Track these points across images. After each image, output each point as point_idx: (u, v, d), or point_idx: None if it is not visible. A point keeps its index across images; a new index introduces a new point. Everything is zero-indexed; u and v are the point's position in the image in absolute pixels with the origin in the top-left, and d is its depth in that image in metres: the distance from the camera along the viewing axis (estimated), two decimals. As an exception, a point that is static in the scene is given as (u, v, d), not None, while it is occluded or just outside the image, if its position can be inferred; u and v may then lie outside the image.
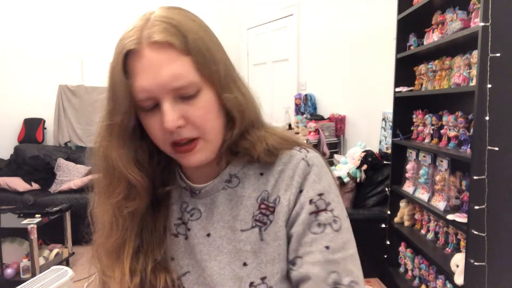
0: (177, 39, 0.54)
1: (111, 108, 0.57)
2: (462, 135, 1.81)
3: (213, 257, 0.62)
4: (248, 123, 0.62)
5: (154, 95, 0.54)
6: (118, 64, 0.55)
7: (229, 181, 0.64)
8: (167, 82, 0.53)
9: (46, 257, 2.96)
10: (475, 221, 1.55)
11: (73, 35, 4.66)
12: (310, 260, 0.57)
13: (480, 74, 1.50)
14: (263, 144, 0.62)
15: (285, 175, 0.62)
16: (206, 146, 0.59)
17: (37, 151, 4.22)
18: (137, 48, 0.54)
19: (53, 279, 1.50)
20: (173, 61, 0.53)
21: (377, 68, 3.15)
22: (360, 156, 2.88)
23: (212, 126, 0.58)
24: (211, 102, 0.58)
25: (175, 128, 0.55)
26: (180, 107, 0.55)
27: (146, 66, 0.54)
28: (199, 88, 0.56)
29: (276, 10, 4.53)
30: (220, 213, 0.64)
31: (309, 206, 0.59)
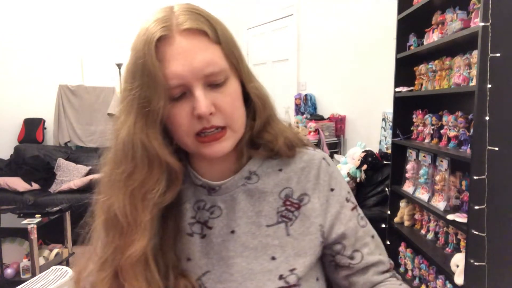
0: (209, 28, 0.56)
1: (148, 95, 0.54)
2: (462, 135, 1.81)
3: (239, 253, 0.62)
4: (268, 115, 0.64)
5: (186, 82, 0.55)
6: (150, 51, 0.54)
7: (248, 178, 0.65)
8: (200, 68, 0.54)
9: (46, 257, 2.96)
10: (475, 221, 1.55)
11: (73, 35, 4.66)
12: (369, 251, 0.66)
13: (480, 74, 1.50)
14: (283, 136, 0.64)
15: (310, 174, 0.65)
16: (232, 136, 0.60)
17: (37, 151, 4.22)
18: (168, 34, 0.54)
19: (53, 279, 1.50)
20: (205, 48, 0.55)
21: (377, 68, 3.14)
22: (360, 156, 2.88)
23: (239, 114, 0.60)
24: (238, 91, 0.60)
25: (208, 115, 0.55)
26: (211, 95, 0.56)
27: (179, 52, 0.54)
28: (227, 76, 0.57)
29: (276, 10, 4.53)
30: (242, 209, 0.64)
31: (348, 203, 0.66)
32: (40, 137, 4.50)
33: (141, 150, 0.56)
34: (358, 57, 3.40)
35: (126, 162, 0.57)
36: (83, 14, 4.69)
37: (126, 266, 0.57)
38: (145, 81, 0.54)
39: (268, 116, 0.64)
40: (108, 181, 0.60)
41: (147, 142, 0.56)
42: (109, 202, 0.59)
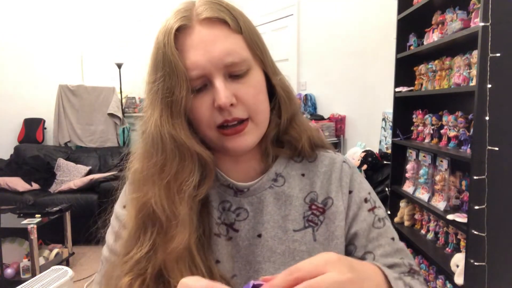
0: (229, 17, 0.54)
1: (171, 85, 0.53)
2: (462, 135, 1.81)
3: (266, 258, 0.60)
4: (294, 110, 0.62)
5: (206, 72, 0.53)
6: (170, 41, 0.53)
7: (275, 179, 0.63)
8: (220, 58, 0.53)
9: (46, 257, 2.96)
10: (475, 221, 1.55)
11: (73, 35, 4.66)
12: (383, 253, 0.62)
13: (480, 74, 1.50)
14: (307, 134, 0.63)
15: (332, 177, 0.64)
16: (255, 129, 0.58)
17: (37, 151, 4.22)
18: (188, 24, 0.54)
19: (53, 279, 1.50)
20: (226, 37, 0.54)
21: (377, 68, 3.14)
22: (360, 156, 2.88)
23: (262, 108, 0.58)
24: (262, 82, 0.58)
25: (228, 106, 0.53)
26: (232, 86, 0.55)
27: (198, 42, 0.53)
28: (250, 66, 0.56)
29: (276, 10, 4.53)
30: (269, 212, 0.62)
31: (366, 204, 0.64)
32: (40, 137, 4.50)
33: (170, 141, 0.54)
34: (358, 57, 3.40)
35: (157, 156, 0.55)
36: (83, 14, 4.69)
37: (170, 262, 0.54)
38: (166, 71, 0.53)
39: (294, 112, 0.62)
40: (141, 177, 0.57)
41: (175, 133, 0.54)
42: (145, 198, 0.55)
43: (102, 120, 4.62)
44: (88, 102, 4.61)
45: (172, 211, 0.54)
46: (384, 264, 0.58)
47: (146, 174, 0.56)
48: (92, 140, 4.60)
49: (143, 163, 0.57)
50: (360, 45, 3.36)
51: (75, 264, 3.19)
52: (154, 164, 0.55)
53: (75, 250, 3.25)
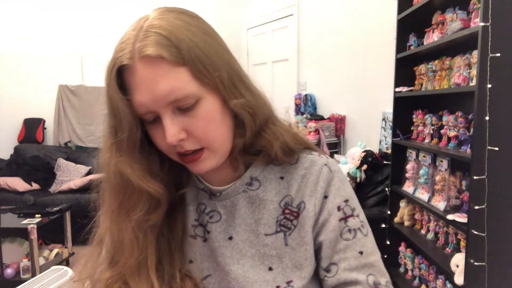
0: (169, 51, 0.50)
1: (115, 124, 0.55)
2: (462, 135, 1.81)
3: (236, 260, 0.61)
4: (261, 121, 0.60)
5: (153, 109, 0.53)
6: (112, 80, 0.53)
7: (250, 184, 0.63)
8: (162, 97, 0.51)
9: (46, 257, 2.96)
10: (475, 221, 1.55)
11: (73, 35, 4.66)
12: (346, 266, 0.59)
13: (480, 74, 1.50)
14: (279, 141, 0.61)
15: (308, 180, 0.62)
16: (213, 155, 0.58)
17: (37, 151, 4.22)
18: (130, 63, 0.52)
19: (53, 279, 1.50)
20: (166, 75, 0.51)
21: (377, 68, 3.14)
22: (360, 156, 2.88)
23: (215, 135, 0.56)
24: (214, 110, 0.55)
25: (177, 142, 0.54)
26: (181, 120, 0.54)
27: (140, 82, 0.52)
28: (198, 97, 0.53)
29: (276, 10, 4.53)
30: (241, 216, 0.63)
31: (338, 212, 0.61)
32: (40, 137, 4.50)
33: (115, 176, 0.57)
34: (358, 57, 3.40)
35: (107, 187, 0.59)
36: (83, 13, 4.69)
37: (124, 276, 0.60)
38: (110, 110, 0.55)
39: (261, 124, 0.60)
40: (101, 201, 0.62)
41: (121, 170, 0.56)
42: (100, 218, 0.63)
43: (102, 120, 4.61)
44: (88, 102, 4.60)
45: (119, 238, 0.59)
46: (345, 280, 0.58)
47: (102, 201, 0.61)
48: (92, 140, 4.60)
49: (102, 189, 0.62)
50: (360, 45, 3.36)
51: (75, 264, 3.19)
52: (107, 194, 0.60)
53: (75, 250, 3.25)
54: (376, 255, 0.61)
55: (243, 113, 0.57)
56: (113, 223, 0.59)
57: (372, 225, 0.67)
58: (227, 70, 0.55)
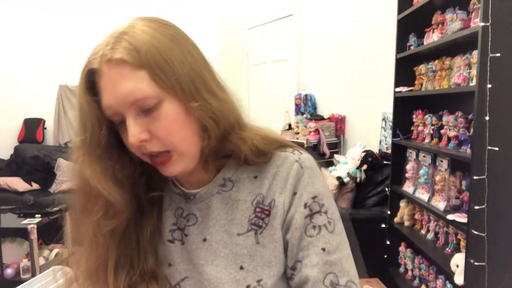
0: (130, 55, 0.53)
1: (80, 126, 0.57)
2: (462, 135, 1.81)
3: (210, 261, 0.62)
4: (227, 126, 0.60)
5: (117, 111, 0.55)
6: (82, 82, 0.56)
7: (223, 185, 0.64)
8: (124, 98, 0.54)
9: (46, 257, 2.96)
10: (475, 221, 1.55)
11: (73, 35, 4.66)
12: (308, 263, 0.59)
13: (480, 74, 1.50)
14: (247, 144, 0.60)
15: (279, 177, 0.62)
16: (181, 157, 0.58)
17: (37, 151, 4.22)
18: (98, 67, 0.55)
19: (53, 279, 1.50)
20: (127, 77, 0.53)
21: (377, 68, 3.14)
22: (360, 156, 2.88)
23: (179, 137, 0.57)
24: (176, 112, 0.56)
25: (139, 143, 0.55)
26: (144, 121, 0.55)
27: (105, 84, 0.55)
28: (159, 99, 0.54)
29: (276, 10, 4.53)
30: (215, 217, 0.64)
31: (304, 210, 0.60)
32: (40, 137, 4.50)
33: (78, 177, 0.59)
34: (358, 57, 3.40)
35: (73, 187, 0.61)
36: (83, 13, 4.69)
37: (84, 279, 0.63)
38: (78, 111, 0.58)
39: (224, 129, 0.60)
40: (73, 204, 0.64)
41: (82, 172, 0.58)
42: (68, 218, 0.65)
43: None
44: (88, 102, 4.61)
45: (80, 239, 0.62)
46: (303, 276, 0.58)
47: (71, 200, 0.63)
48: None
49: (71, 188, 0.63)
50: (360, 45, 3.36)
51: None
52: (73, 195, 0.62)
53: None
54: (341, 253, 0.60)
55: (204, 118, 0.57)
56: (74, 225, 0.63)
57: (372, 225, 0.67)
58: (190, 75, 0.56)
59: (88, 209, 0.59)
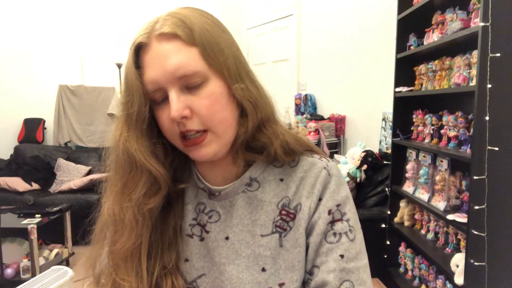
0: (183, 31, 0.55)
1: (127, 101, 0.58)
2: (462, 135, 1.81)
3: (231, 260, 0.61)
4: (263, 116, 0.61)
5: (162, 86, 0.55)
6: (130, 57, 0.57)
7: (249, 184, 0.64)
8: (172, 71, 0.54)
9: (46, 257, 2.96)
10: (475, 221, 1.55)
11: (73, 35, 4.66)
12: (325, 268, 0.59)
13: (480, 74, 1.50)
14: (279, 139, 0.61)
15: (306, 182, 0.62)
16: (216, 140, 0.58)
17: (37, 151, 4.22)
18: (147, 41, 0.56)
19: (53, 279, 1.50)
20: (178, 51, 0.55)
21: (377, 68, 3.14)
22: (360, 156, 2.88)
23: (220, 118, 0.57)
24: (220, 93, 0.57)
25: (181, 118, 0.55)
26: (187, 98, 0.56)
27: (153, 57, 0.56)
28: (205, 78, 0.56)
29: (276, 10, 4.53)
30: (239, 216, 0.63)
31: (328, 216, 0.61)
32: (40, 137, 4.50)
33: (123, 154, 0.59)
34: (358, 57, 3.40)
35: (113, 165, 0.61)
36: (83, 13, 4.69)
37: (118, 261, 0.61)
38: (126, 86, 0.58)
39: (262, 118, 0.61)
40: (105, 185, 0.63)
41: (128, 146, 0.58)
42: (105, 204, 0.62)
43: (102, 120, 4.62)
44: (88, 102, 4.61)
45: (120, 217, 0.60)
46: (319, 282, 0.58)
47: (108, 182, 0.63)
48: (92, 140, 4.60)
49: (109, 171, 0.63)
50: (360, 45, 3.36)
51: (75, 264, 3.19)
52: (112, 173, 0.62)
53: (75, 250, 3.25)
54: (360, 262, 0.60)
55: (244, 101, 0.59)
56: (115, 203, 0.60)
57: (372, 225, 0.67)
58: (235, 62, 0.59)
59: (131, 186, 0.59)
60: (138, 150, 0.58)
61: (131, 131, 0.59)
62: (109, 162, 0.63)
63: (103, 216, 0.63)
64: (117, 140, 0.60)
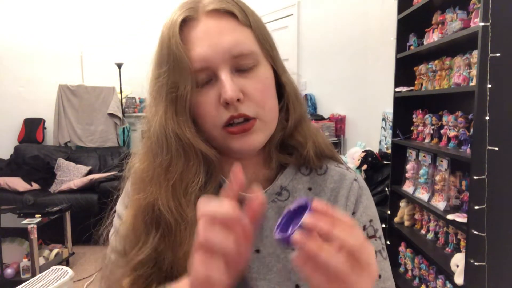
0: (238, 10, 0.53)
1: (172, 80, 0.52)
2: (462, 135, 1.81)
3: (262, 275, 0.56)
4: (300, 114, 0.58)
5: (212, 64, 0.51)
6: (174, 33, 0.51)
7: (279, 193, 0.60)
8: (227, 48, 0.50)
9: (46, 257, 2.96)
10: (475, 221, 1.55)
11: (73, 35, 4.66)
12: None
13: (480, 74, 1.50)
14: (312, 140, 0.59)
15: (338, 194, 0.60)
16: (263, 128, 0.54)
17: (37, 151, 4.22)
18: (194, 16, 0.52)
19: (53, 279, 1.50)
20: (234, 29, 0.52)
21: (377, 68, 3.14)
22: (360, 156, 2.88)
23: (271, 105, 0.54)
24: (270, 79, 0.55)
25: (235, 101, 0.50)
26: (239, 80, 0.52)
27: (204, 34, 0.51)
28: (258, 61, 0.53)
29: (276, 10, 4.53)
30: (270, 228, 0.58)
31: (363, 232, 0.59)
32: (40, 137, 4.50)
33: (175, 140, 0.52)
34: (358, 57, 3.40)
35: (161, 155, 0.53)
36: (83, 14, 4.69)
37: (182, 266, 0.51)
38: (171, 65, 0.52)
39: (301, 114, 0.58)
40: (145, 177, 0.55)
41: (180, 132, 0.52)
42: (149, 199, 0.53)
43: (102, 120, 4.62)
44: (88, 102, 4.61)
45: (180, 214, 0.52)
46: None
47: (151, 174, 0.54)
48: (92, 140, 4.60)
49: (147, 162, 0.55)
50: (360, 45, 3.36)
51: (75, 264, 3.19)
52: (159, 164, 0.54)
53: (75, 250, 3.25)
54: (392, 280, 0.59)
55: (290, 92, 0.57)
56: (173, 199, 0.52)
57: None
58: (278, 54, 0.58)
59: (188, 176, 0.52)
60: (192, 137, 0.52)
61: (181, 115, 0.52)
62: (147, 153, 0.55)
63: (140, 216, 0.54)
64: (165, 127, 0.52)
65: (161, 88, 0.53)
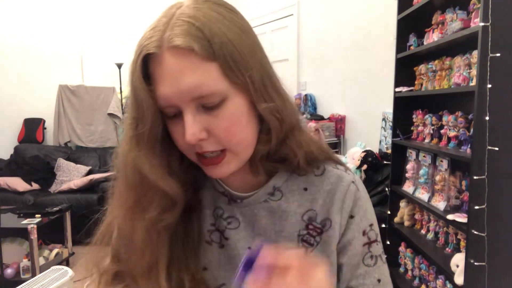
0: (200, 44, 0.47)
1: (136, 116, 0.51)
2: (462, 135, 1.81)
3: None
4: (288, 128, 0.57)
5: (175, 103, 0.50)
6: (137, 69, 0.50)
7: (272, 194, 0.60)
8: (187, 91, 0.48)
9: (46, 257, 2.96)
10: (475, 221, 1.55)
11: (73, 35, 4.66)
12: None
13: (480, 74, 1.50)
14: (303, 150, 0.58)
15: (335, 196, 0.60)
16: (234, 159, 0.54)
17: (37, 151, 4.22)
18: (157, 52, 0.48)
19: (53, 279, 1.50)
20: (195, 69, 0.48)
21: (377, 68, 3.14)
22: (360, 156, 2.88)
23: (239, 139, 0.53)
24: (241, 112, 0.52)
25: (197, 142, 0.50)
26: (203, 118, 0.50)
27: (166, 73, 0.48)
28: (225, 96, 0.50)
29: (276, 10, 4.53)
30: (262, 227, 0.60)
31: (363, 237, 0.60)
32: (40, 137, 4.50)
33: (133, 172, 0.54)
34: (358, 57, 3.40)
35: (123, 181, 0.56)
36: (83, 13, 4.69)
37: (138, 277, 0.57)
38: (133, 101, 0.51)
39: (287, 131, 0.56)
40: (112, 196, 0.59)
41: (139, 165, 0.53)
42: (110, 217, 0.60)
43: (102, 120, 4.62)
44: (88, 102, 4.61)
45: (131, 236, 0.56)
46: None
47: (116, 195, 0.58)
48: (92, 140, 4.60)
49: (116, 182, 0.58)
50: (360, 45, 3.36)
51: (75, 264, 3.19)
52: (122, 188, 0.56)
53: (75, 250, 3.25)
54: (391, 285, 0.60)
55: (271, 119, 0.54)
56: (126, 221, 0.56)
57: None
58: (259, 71, 0.52)
59: (144, 205, 0.54)
60: (152, 171, 0.53)
61: (143, 150, 0.52)
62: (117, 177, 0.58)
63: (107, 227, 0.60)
64: (127, 158, 0.54)
65: (127, 120, 0.54)
